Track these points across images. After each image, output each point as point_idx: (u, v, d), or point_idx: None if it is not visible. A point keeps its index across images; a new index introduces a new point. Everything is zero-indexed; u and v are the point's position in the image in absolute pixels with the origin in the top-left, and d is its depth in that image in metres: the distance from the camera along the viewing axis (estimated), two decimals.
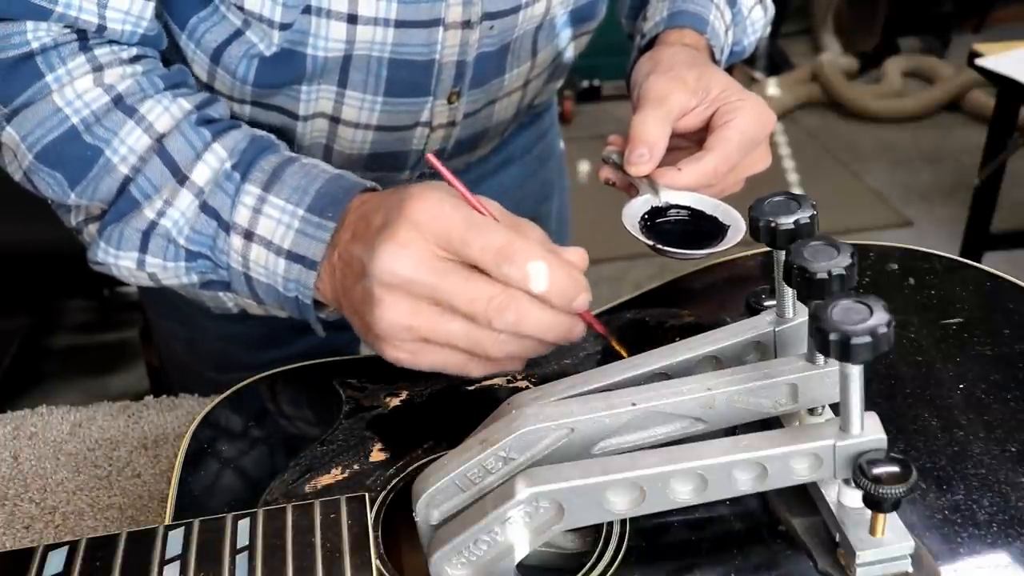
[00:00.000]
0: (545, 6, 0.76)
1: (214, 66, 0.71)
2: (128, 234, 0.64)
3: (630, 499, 0.51)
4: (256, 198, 0.63)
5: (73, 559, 0.50)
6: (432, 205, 0.53)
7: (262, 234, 0.62)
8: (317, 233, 0.61)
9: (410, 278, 0.53)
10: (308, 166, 0.64)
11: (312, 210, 0.61)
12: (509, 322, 0.54)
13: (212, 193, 0.63)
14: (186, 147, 0.63)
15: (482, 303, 0.53)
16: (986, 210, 2.25)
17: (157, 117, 0.64)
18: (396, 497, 0.58)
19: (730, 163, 0.68)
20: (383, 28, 0.69)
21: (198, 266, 0.65)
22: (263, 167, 0.64)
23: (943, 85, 3.56)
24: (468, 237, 0.53)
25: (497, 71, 0.78)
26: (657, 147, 0.67)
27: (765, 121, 0.70)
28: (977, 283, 0.73)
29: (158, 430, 0.77)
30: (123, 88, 0.64)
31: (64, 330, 2.46)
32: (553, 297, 0.54)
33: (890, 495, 0.48)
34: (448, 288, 0.53)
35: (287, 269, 0.62)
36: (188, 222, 0.64)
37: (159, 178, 0.63)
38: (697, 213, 0.68)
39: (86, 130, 0.63)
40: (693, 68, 0.71)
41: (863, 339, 0.45)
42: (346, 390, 0.66)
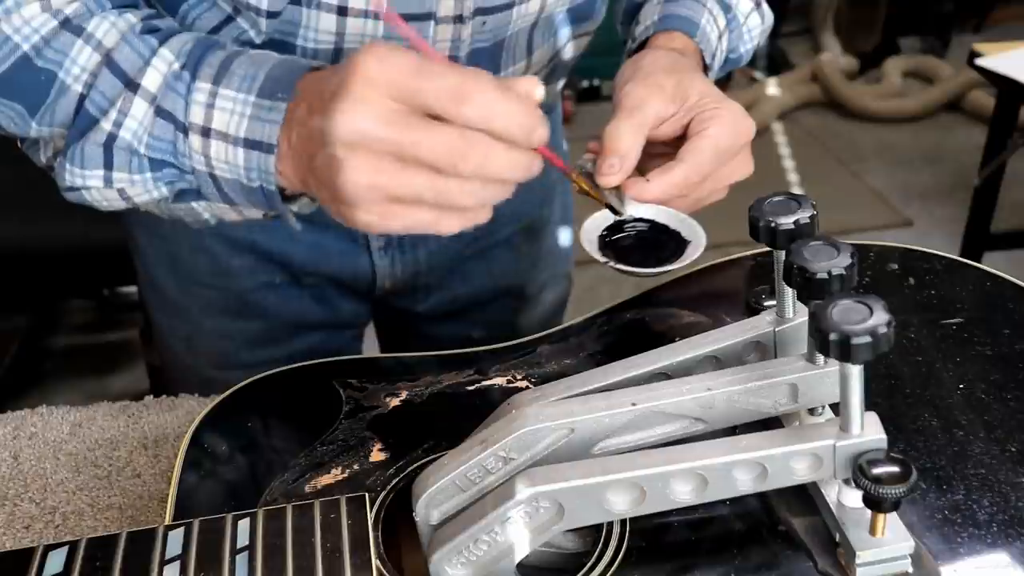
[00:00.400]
0: (539, 4, 0.75)
1: None
2: (89, 150, 0.64)
3: (630, 499, 0.51)
4: (207, 93, 0.62)
5: (73, 559, 0.50)
6: (381, 57, 0.52)
7: (218, 128, 0.62)
8: (270, 116, 0.60)
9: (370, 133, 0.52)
10: (255, 55, 0.63)
11: (263, 94, 0.61)
12: (474, 165, 0.52)
13: (164, 96, 0.63)
14: (133, 55, 0.63)
15: (445, 149, 0.52)
16: (986, 210, 2.25)
17: (104, 33, 0.64)
18: (396, 497, 0.58)
19: (702, 173, 0.67)
20: (374, 21, 0.69)
21: (165, 175, 0.65)
22: (211, 62, 0.63)
23: (943, 85, 3.56)
24: (422, 83, 0.52)
25: (491, 68, 0.78)
26: (628, 157, 0.66)
27: (742, 129, 0.69)
28: (977, 283, 0.73)
29: (158, 430, 0.77)
30: (70, 11, 0.64)
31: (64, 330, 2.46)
32: (513, 132, 0.53)
33: (890, 495, 0.48)
34: (410, 139, 0.52)
35: (246, 158, 0.61)
36: (146, 129, 0.63)
37: (111, 90, 0.63)
38: (660, 227, 0.68)
39: (37, 55, 0.63)
40: (673, 74, 0.70)
41: (863, 339, 0.45)
42: (346, 390, 0.66)
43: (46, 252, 1.66)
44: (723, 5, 0.82)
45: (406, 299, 0.96)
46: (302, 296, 0.91)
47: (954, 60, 3.73)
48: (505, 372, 0.68)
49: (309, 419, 0.65)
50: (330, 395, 0.66)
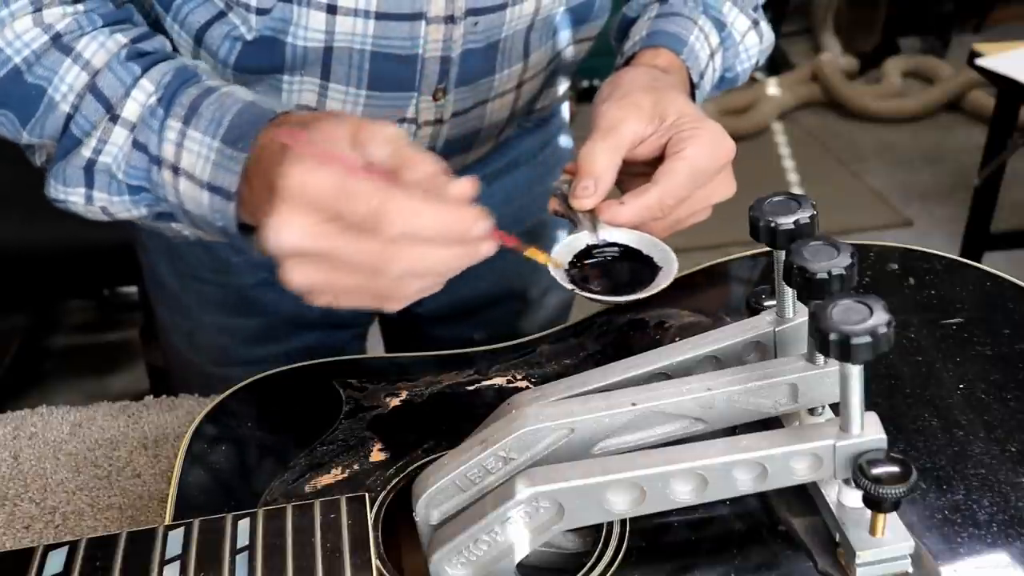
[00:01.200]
0: (535, 5, 0.75)
1: (198, 48, 0.72)
2: (71, 172, 0.66)
3: (630, 499, 0.51)
4: (178, 132, 0.64)
5: (73, 559, 0.50)
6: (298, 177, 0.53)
7: (185, 168, 0.64)
8: (231, 165, 0.61)
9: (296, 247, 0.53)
10: (223, 96, 0.64)
11: (226, 140, 0.62)
12: (403, 269, 0.53)
13: (141, 129, 0.65)
14: (116, 83, 0.65)
15: (370, 259, 0.53)
16: (986, 210, 2.25)
17: (93, 53, 0.65)
18: (396, 497, 0.58)
19: (677, 196, 0.66)
20: (363, 20, 0.69)
21: (143, 199, 0.67)
22: (182, 101, 0.65)
23: (943, 85, 3.56)
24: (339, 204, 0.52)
25: (486, 70, 0.78)
26: (603, 180, 0.65)
27: (720, 151, 0.67)
28: (977, 283, 0.73)
29: (158, 430, 0.77)
30: (61, 27, 0.65)
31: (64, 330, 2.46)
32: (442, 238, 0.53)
33: (890, 495, 0.48)
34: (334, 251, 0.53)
35: (210, 200, 0.63)
36: (125, 157, 0.65)
37: (94, 115, 0.65)
38: (632, 252, 0.66)
39: (28, 70, 0.65)
40: (651, 93, 0.69)
41: (863, 339, 0.45)
42: (346, 390, 0.66)
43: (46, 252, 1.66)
44: (717, 23, 0.81)
45: None
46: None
47: (954, 60, 3.73)
48: (505, 372, 0.68)
49: (309, 419, 0.65)
50: (330, 395, 0.66)
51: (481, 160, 0.91)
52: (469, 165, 0.90)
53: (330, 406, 0.65)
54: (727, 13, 0.82)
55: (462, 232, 0.53)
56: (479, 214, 0.54)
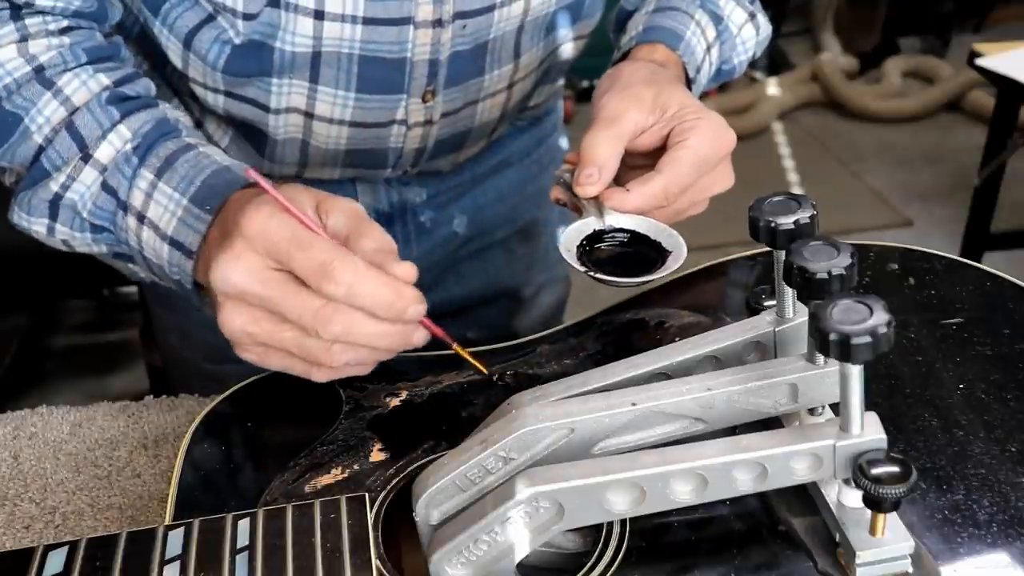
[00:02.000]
0: (523, 7, 0.75)
1: (187, 52, 0.72)
2: (36, 203, 0.67)
3: (630, 499, 0.51)
4: (149, 183, 0.65)
5: (73, 559, 0.50)
6: (261, 219, 0.55)
7: (151, 218, 0.65)
8: (195, 224, 0.63)
9: (243, 288, 0.56)
10: (200, 155, 0.66)
11: (194, 201, 0.64)
12: (336, 333, 0.55)
13: (112, 173, 0.66)
14: (93, 124, 0.66)
15: (308, 314, 0.55)
16: (986, 210, 2.25)
17: (74, 91, 0.66)
18: (396, 497, 0.58)
19: (681, 184, 0.66)
20: (351, 25, 0.69)
21: (104, 238, 0.68)
22: (159, 153, 0.66)
23: (943, 85, 3.56)
24: (291, 251, 0.55)
25: (475, 71, 0.78)
26: (607, 168, 0.66)
27: (722, 141, 0.68)
28: (977, 283, 0.73)
29: (158, 430, 0.77)
30: (45, 59, 0.66)
31: (64, 330, 2.46)
32: (379, 311, 0.55)
33: (890, 495, 0.48)
34: (277, 299, 0.55)
35: (170, 254, 0.64)
36: (92, 197, 0.67)
37: (67, 152, 0.66)
38: (640, 237, 0.66)
39: (7, 97, 0.65)
40: (652, 85, 0.69)
41: (863, 339, 0.45)
42: (346, 390, 0.66)
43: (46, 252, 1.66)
44: (713, 17, 0.81)
45: None
46: None
47: (954, 60, 3.73)
48: (505, 372, 0.68)
49: (309, 419, 0.65)
50: (330, 395, 0.66)
51: (473, 159, 0.91)
52: (461, 164, 0.90)
53: (330, 406, 0.65)
54: (724, 6, 0.82)
55: (399, 308, 0.55)
56: (418, 297, 0.56)
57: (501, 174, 0.95)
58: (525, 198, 0.98)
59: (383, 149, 0.80)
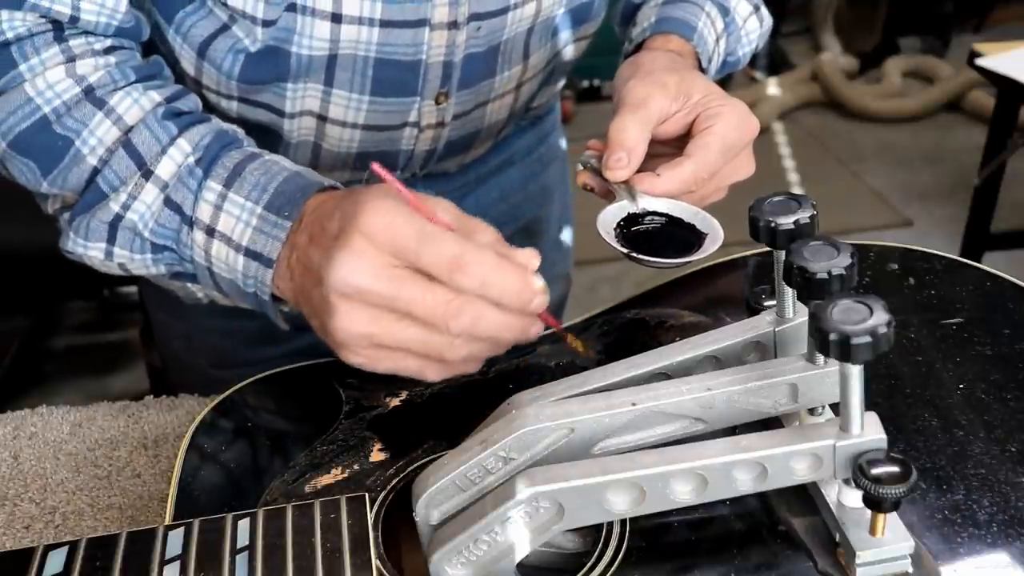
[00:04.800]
0: (535, 8, 0.75)
1: (200, 60, 0.71)
2: (95, 226, 0.65)
3: (630, 499, 0.51)
4: (217, 195, 0.63)
5: (73, 559, 0.50)
6: (384, 216, 0.54)
7: (222, 230, 0.63)
8: (274, 232, 0.61)
9: (365, 288, 0.54)
10: (269, 163, 0.64)
11: (270, 208, 0.62)
12: (464, 326, 0.54)
13: (176, 188, 0.64)
14: (152, 141, 0.64)
15: (438, 309, 0.53)
16: (986, 210, 2.25)
17: (127, 109, 0.65)
18: (396, 497, 0.58)
19: (710, 169, 0.67)
20: (368, 28, 0.69)
21: (164, 258, 0.66)
22: (225, 164, 0.64)
23: (943, 85, 3.56)
24: (420, 249, 0.53)
25: (487, 73, 0.78)
26: (635, 152, 0.66)
27: (747, 127, 0.69)
28: (977, 283, 0.73)
29: (158, 430, 0.77)
30: (94, 79, 0.65)
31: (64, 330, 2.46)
32: (509, 302, 0.54)
33: (890, 495, 0.48)
34: (404, 296, 0.54)
35: (246, 266, 0.63)
36: (153, 216, 0.64)
37: (125, 171, 0.64)
38: (675, 220, 0.67)
39: (56, 120, 0.64)
40: (674, 73, 0.70)
41: (863, 339, 0.45)
42: (346, 390, 0.66)
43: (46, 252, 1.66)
44: (721, 8, 0.82)
45: None
46: None
47: (954, 60, 3.73)
48: (505, 372, 0.68)
49: (309, 419, 0.65)
50: (330, 395, 0.66)
51: (477, 159, 0.91)
52: (467, 164, 0.90)
53: (330, 406, 0.65)
54: None
55: (527, 299, 0.54)
56: (543, 287, 0.55)
57: (504, 173, 0.95)
58: (527, 196, 0.98)
59: (394, 151, 0.81)
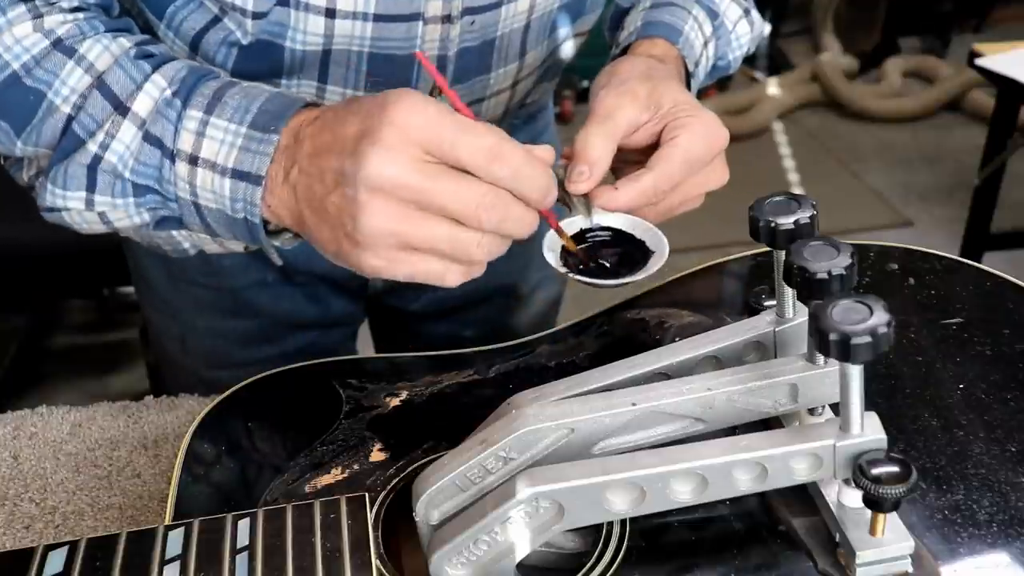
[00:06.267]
0: (529, 3, 0.75)
1: (193, 54, 0.71)
2: (73, 170, 0.64)
3: (630, 499, 0.51)
4: (198, 122, 0.62)
5: (73, 559, 0.50)
6: (418, 108, 0.53)
7: (206, 156, 0.62)
8: (260, 148, 0.60)
9: (399, 181, 0.53)
10: (249, 87, 0.64)
11: (255, 126, 0.61)
12: (495, 221, 0.54)
13: (154, 121, 0.63)
14: (126, 79, 0.63)
15: (473, 203, 0.54)
16: (986, 210, 2.25)
17: (97, 56, 0.64)
18: (396, 497, 0.58)
19: (671, 182, 0.66)
20: (362, 22, 0.69)
21: (147, 201, 0.65)
22: (204, 92, 0.63)
23: (943, 85, 3.56)
24: (458, 139, 0.53)
25: (482, 68, 0.78)
26: (597, 165, 0.65)
27: (715, 138, 0.67)
28: (977, 283, 0.73)
29: (158, 430, 0.77)
30: (62, 32, 0.64)
31: (64, 330, 2.46)
32: (534, 194, 0.55)
33: (890, 495, 0.48)
34: (439, 189, 0.53)
35: (233, 188, 0.61)
36: (132, 154, 0.63)
37: (100, 112, 0.63)
38: (624, 236, 0.66)
39: (27, 74, 0.63)
40: (647, 81, 0.69)
41: (863, 339, 0.45)
42: (346, 390, 0.66)
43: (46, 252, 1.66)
44: (710, 12, 0.82)
45: (398, 298, 0.96)
46: (294, 294, 0.91)
47: (954, 60, 3.73)
48: (505, 372, 0.68)
49: (309, 419, 0.65)
50: (330, 395, 0.66)
51: None
52: None
53: (330, 406, 0.65)
54: (719, 2, 0.83)
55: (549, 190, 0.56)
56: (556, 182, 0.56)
57: None
58: None
59: None
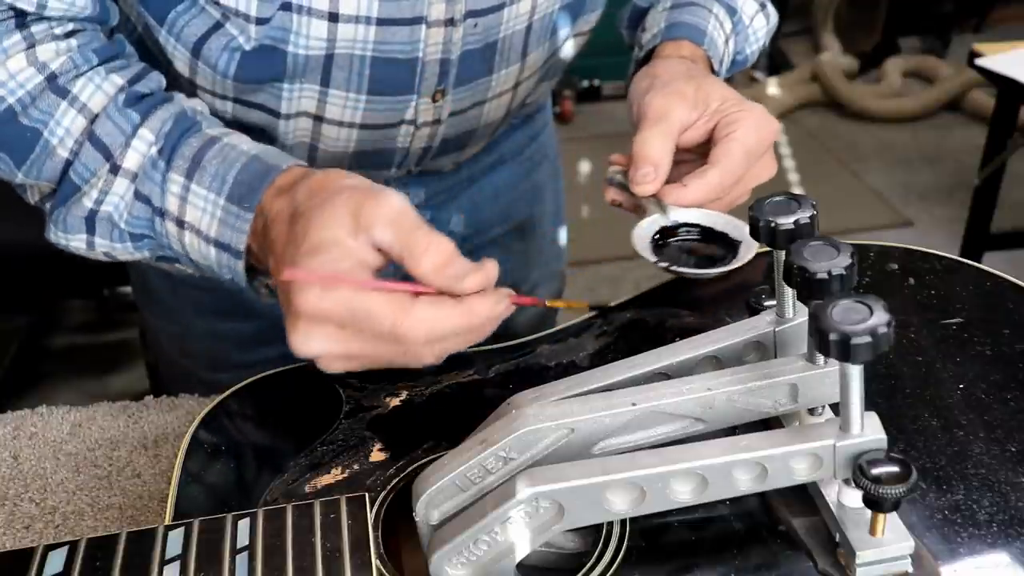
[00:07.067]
0: (530, 4, 0.75)
1: (195, 60, 0.71)
2: (71, 220, 0.67)
3: (630, 499, 0.51)
4: (181, 187, 0.64)
5: (73, 559, 0.50)
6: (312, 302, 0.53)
7: (191, 222, 0.64)
8: (237, 224, 0.62)
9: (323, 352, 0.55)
10: (227, 149, 0.65)
11: (231, 199, 0.63)
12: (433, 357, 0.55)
13: (143, 181, 0.65)
14: (115, 131, 0.65)
15: (399, 358, 0.55)
16: (986, 210, 2.25)
17: (90, 96, 0.65)
18: (396, 497, 0.58)
19: (735, 175, 0.67)
20: (365, 26, 0.69)
21: (145, 244, 0.67)
22: (184, 153, 0.65)
23: (943, 85, 3.56)
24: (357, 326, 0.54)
25: (484, 70, 0.78)
26: (661, 165, 0.67)
27: (767, 130, 0.69)
28: (977, 283, 0.73)
29: (158, 430, 0.77)
30: (56, 66, 0.65)
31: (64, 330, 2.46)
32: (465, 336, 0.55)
33: (890, 495, 0.48)
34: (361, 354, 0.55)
35: (218, 256, 0.64)
36: (127, 207, 0.66)
37: (93, 163, 0.65)
38: (707, 230, 0.68)
39: (23, 111, 0.64)
40: (691, 81, 0.70)
41: (863, 339, 0.45)
42: (346, 390, 0.66)
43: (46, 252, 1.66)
44: (728, 9, 0.83)
45: None
46: None
47: (954, 60, 3.73)
48: (505, 372, 0.68)
49: (309, 419, 0.65)
50: (330, 395, 0.66)
51: (472, 158, 0.91)
52: (462, 163, 0.90)
53: (330, 406, 0.65)
54: None
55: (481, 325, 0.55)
56: (497, 298, 0.56)
57: (496, 172, 0.95)
58: (519, 195, 0.98)
59: (390, 149, 0.81)
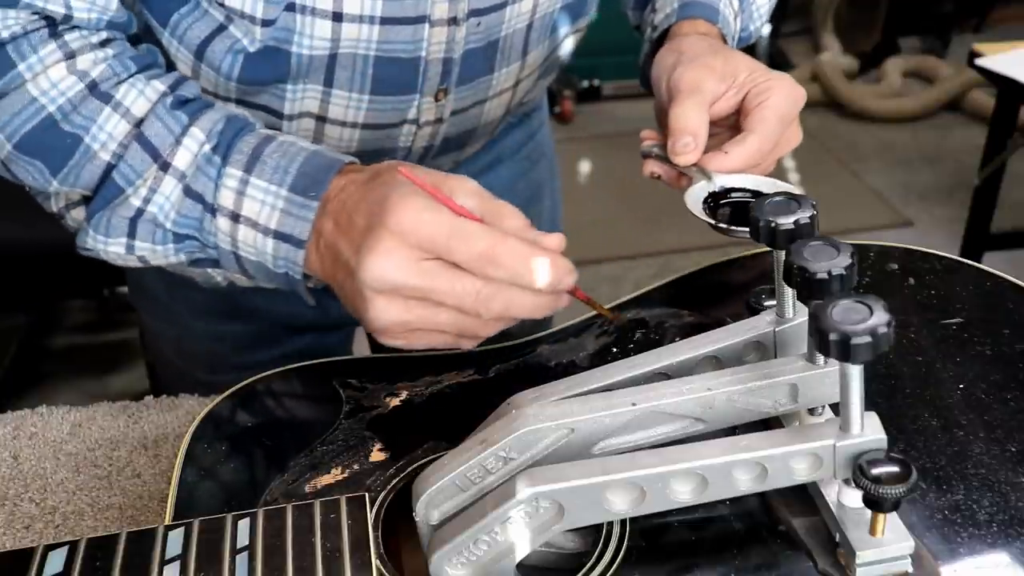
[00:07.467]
0: (532, 3, 0.76)
1: (198, 63, 0.71)
2: (116, 221, 0.66)
3: (630, 499, 0.51)
4: (238, 180, 0.64)
5: (73, 559, 0.50)
6: (412, 214, 0.55)
7: (248, 215, 0.64)
8: (302, 212, 0.63)
9: (398, 282, 0.56)
10: (286, 144, 0.65)
11: (295, 190, 0.63)
12: (496, 312, 0.56)
13: (195, 177, 0.65)
14: (164, 132, 0.65)
15: (470, 298, 0.56)
16: (986, 210, 2.25)
17: (133, 101, 0.65)
18: (396, 497, 0.58)
19: (772, 141, 0.69)
20: (368, 26, 0.69)
21: (186, 246, 0.67)
22: (242, 149, 0.65)
23: (943, 85, 3.56)
24: (451, 244, 0.55)
25: (485, 69, 0.78)
26: (700, 135, 0.68)
27: (797, 97, 0.71)
28: (977, 283, 0.73)
29: (158, 430, 0.77)
30: (96, 74, 0.65)
31: (64, 330, 2.46)
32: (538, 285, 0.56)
33: (890, 495, 0.48)
34: (436, 288, 0.56)
35: (275, 248, 0.64)
36: (174, 206, 0.65)
37: (141, 164, 0.64)
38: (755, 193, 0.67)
39: (64, 119, 0.64)
40: (718, 55, 0.72)
41: (863, 339, 0.45)
42: (346, 390, 0.66)
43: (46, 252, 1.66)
44: None
45: None
46: (291, 297, 0.91)
47: (954, 60, 3.73)
48: (505, 372, 0.68)
49: (309, 419, 0.65)
50: (330, 395, 0.66)
51: (471, 157, 0.92)
52: (461, 162, 0.91)
53: (330, 406, 0.65)
54: None
55: (556, 281, 0.57)
56: (571, 268, 0.57)
57: (494, 171, 0.96)
58: (517, 193, 0.99)
59: (392, 148, 0.81)
